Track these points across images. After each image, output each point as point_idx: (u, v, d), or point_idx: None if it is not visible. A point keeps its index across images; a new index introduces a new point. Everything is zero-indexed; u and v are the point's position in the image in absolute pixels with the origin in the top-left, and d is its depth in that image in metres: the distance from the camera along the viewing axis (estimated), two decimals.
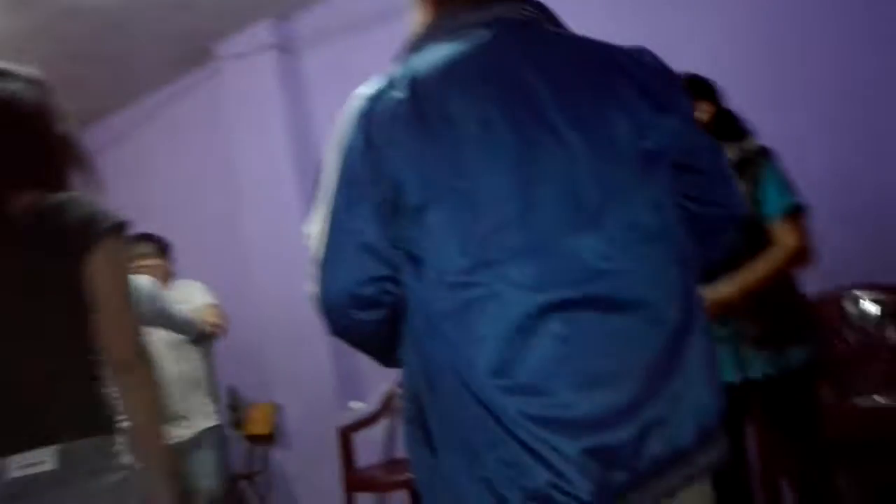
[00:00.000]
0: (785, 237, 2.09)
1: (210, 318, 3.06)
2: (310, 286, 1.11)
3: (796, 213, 2.12)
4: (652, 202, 1.05)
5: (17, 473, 1.30)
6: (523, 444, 0.95)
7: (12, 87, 1.40)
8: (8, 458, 1.30)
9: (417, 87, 1.03)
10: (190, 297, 3.11)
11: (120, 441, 1.38)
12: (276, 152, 4.21)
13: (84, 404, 1.37)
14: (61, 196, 1.39)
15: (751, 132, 2.22)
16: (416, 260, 1.02)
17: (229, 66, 4.36)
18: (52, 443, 1.31)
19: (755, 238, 2.07)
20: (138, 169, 4.82)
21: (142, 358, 1.41)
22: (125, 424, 1.39)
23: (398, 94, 1.03)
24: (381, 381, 3.80)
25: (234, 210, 4.32)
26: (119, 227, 1.40)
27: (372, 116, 1.03)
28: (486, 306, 0.97)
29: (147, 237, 3.13)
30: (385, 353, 1.17)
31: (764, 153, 2.15)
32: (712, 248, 1.20)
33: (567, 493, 0.93)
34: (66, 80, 1.72)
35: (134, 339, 1.41)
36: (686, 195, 1.12)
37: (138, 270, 2.72)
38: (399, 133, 1.02)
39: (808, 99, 3.01)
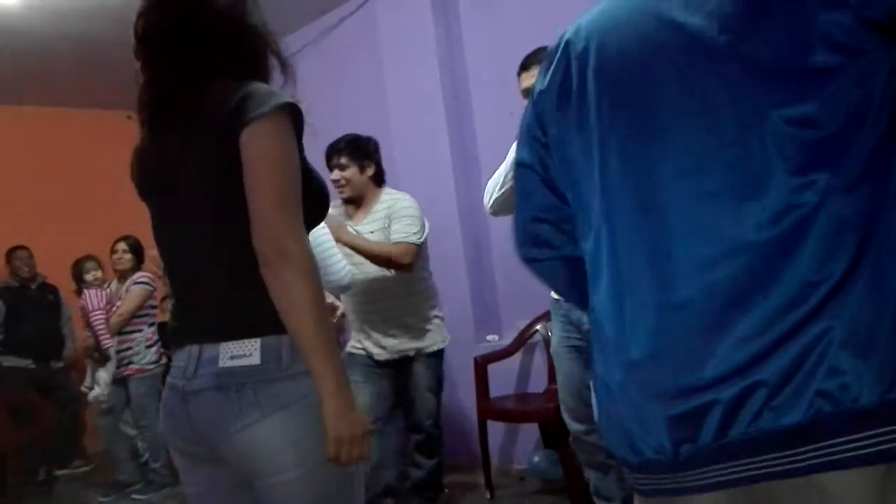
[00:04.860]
0: None
1: None
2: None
3: None
4: None
5: (227, 363, 1.27)
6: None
7: None
8: (220, 344, 1.28)
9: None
10: None
11: None
12: (427, 81, 4.23)
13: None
14: (242, 83, 1.31)
15: None
16: None
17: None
18: (254, 335, 1.27)
19: None
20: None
21: (283, 257, 1.22)
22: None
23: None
24: (517, 317, 3.94)
25: (383, 138, 4.00)
26: (283, 108, 1.27)
27: None
28: None
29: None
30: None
31: None
32: None
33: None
34: None
35: (273, 234, 1.23)
36: None
37: None
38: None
39: None
